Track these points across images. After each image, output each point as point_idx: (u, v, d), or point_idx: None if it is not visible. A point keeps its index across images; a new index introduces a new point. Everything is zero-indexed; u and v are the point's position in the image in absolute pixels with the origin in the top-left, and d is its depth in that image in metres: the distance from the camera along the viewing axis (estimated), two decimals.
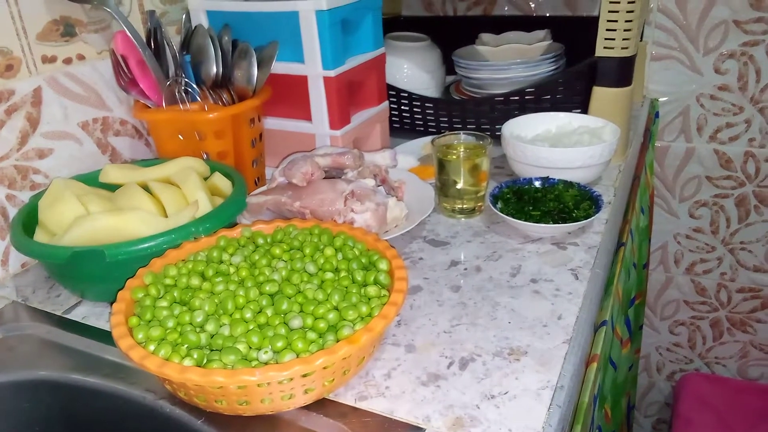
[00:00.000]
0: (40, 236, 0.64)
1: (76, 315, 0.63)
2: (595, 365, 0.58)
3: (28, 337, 0.61)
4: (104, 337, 0.59)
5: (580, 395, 0.56)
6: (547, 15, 1.26)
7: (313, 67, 0.80)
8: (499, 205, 0.74)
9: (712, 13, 1.12)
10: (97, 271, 0.58)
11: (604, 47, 0.83)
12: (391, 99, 1.02)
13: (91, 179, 0.71)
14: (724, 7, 1.10)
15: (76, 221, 0.60)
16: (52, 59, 0.74)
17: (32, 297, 0.67)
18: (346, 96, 0.84)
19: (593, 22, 0.83)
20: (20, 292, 0.68)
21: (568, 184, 0.75)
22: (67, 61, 0.75)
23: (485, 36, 1.14)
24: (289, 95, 0.84)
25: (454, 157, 0.76)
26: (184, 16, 0.85)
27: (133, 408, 0.52)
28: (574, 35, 0.98)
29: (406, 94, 1.02)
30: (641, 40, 1.16)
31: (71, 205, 0.62)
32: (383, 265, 0.54)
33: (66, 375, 0.55)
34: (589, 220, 0.69)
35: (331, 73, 0.80)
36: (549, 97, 0.93)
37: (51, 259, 0.59)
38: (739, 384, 1.39)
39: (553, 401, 0.47)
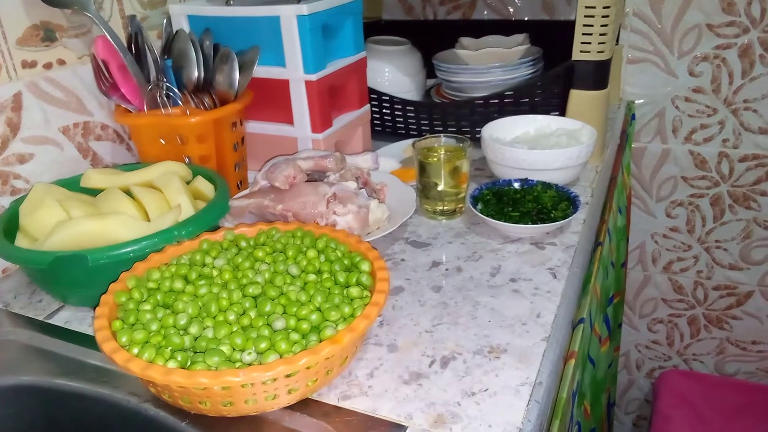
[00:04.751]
0: (21, 242, 0.63)
1: (58, 320, 0.63)
2: (572, 362, 0.60)
3: (10, 342, 0.61)
4: (87, 341, 0.59)
5: (558, 391, 0.57)
6: (526, 19, 1.28)
7: (294, 72, 0.81)
8: (480, 206, 0.75)
9: (685, 17, 1.14)
10: (79, 275, 0.58)
11: (581, 51, 0.85)
12: (372, 102, 1.03)
13: (72, 184, 0.70)
14: (698, 11, 1.13)
15: (58, 226, 0.60)
16: (33, 64, 0.74)
17: (14, 302, 0.67)
18: (328, 99, 0.85)
19: (570, 26, 0.84)
20: (1, 297, 0.68)
21: (547, 186, 0.77)
22: (48, 66, 0.75)
23: (465, 40, 1.16)
24: (271, 99, 0.85)
25: (435, 159, 0.77)
26: (165, 21, 0.85)
27: (117, 412, 0.52)
28: (552, 39, 1.00)
29: (387, 98, 1.03)
30: (617, 44, 1.18)
31: (53, 210, 0.62)
32: (365, 267, 0.55)
33: (49, 380, 0.55)
34: (566, 220, 0.71)
35: (313, 77, 0.80)
36: (527, 100, 0.95)
37: (33, 265, 0.59)
38: (717, 380, 1.42)
39: (532, 397, 0.48)
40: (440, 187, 0.76)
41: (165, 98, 0.77)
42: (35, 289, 0.69)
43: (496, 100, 0.96)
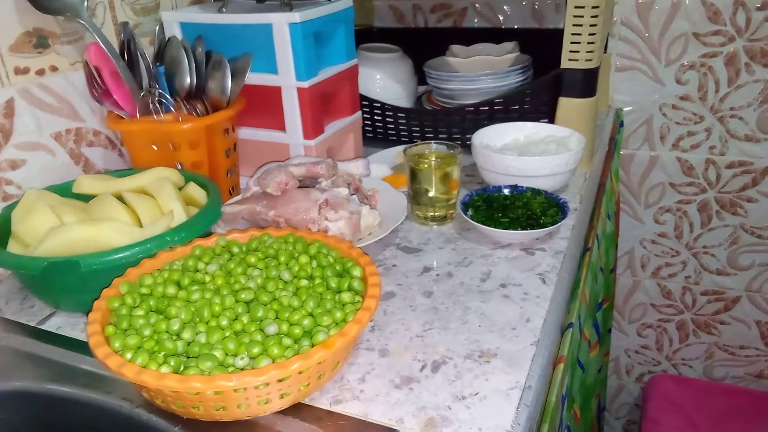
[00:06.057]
0: (13, 247, 0.63)
1: (50, 326, 0.63)
2: (561, 366, 0.60)
3: (2, 348, 0.61)
4: (79, 347, 0.59)
5: (547, 395, 0.58)
6: (515, 27, 1.29)
7: (286, 79, 0.82)
8: (470, 212, 0.76)
9: (672, 25, 1.16)
10: (72, 281, 0.58)
11: (569, 59, 0.86)
12: (364, 109, 1.04)
13: (64, 190, 0.71)
14: (684, 20, 1.15)
15: (51, 232, 0.60)
16: (25, 71, 0.74)
17: (5, 308, 0.67)
18: (320, 106, 0.85)
19: (559, 34, 0.85)
20: None
21: (536, 192, 0.78)
22: (40, 72, 0.76)
23: (455, 47, 1.17)
24: (263, 106, 0.85)
25: (426, 166, 0.78)
26: (157, 28, 0.85)
27: (110, 417, 0.52)
28: (541, 47, 1.01)
29: (378, 104, 1.04)
30: (605, 52, 1.20)
31: (45, 216, 0.63)
32: (357, 272, 0.56)
33: (41, 385, 0.55)
34: (556, 226, 0.71)
35: (305, 84, 0.81)
36: (517, 107, 0.96)
37: (25, 270, 0.59)
38: (705, 384, 1.44)
39: (522, 401, 0.49)
40: (431, 194, 0.77)
41: (157, 105, 0.78)
42: (27, 294, 0.69)
43: (486, 108, 0.97)
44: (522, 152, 0.86)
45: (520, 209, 0.75)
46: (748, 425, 1.31)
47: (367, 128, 1.07)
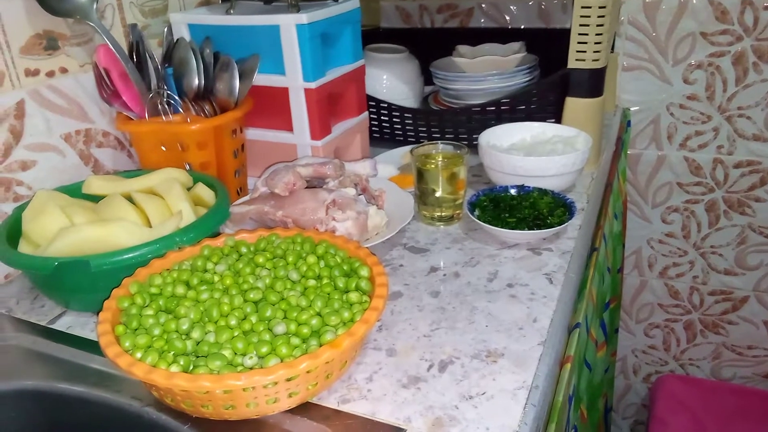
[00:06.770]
0: (24, 248, 0.64)
1: (60, 325, 0.64)
2: (569, 366, 0.60)
3: (13, 347, 0.61)
4: (89, 346, 0.59)
5: (554, 395, 0.58)
6: (522, 27, 1.29)
7: (294, 79, 0.82)
8: (477, 212, 0.76)
9: (680, 25, 1.16)
10: (82, 281, 0.59)
11: (576, 59, 0.86)
12: (371, 109, 1.04)
13: (74, 191, 0.71)
14: (692, 19, 1.14)
15: (61, 232, 0.60)
16: (35, 72, 0.74)
17: (16, 308, 0.68)
18: (327, 107, 0.86)
19: (566, 34, 0.85)
20: (4, 303, 0.69)
21: (543, 192, 0.78)
22: (50, 74, 0.76)
23: (462, 48, 1.17)
24: (271, 106, 0.86)
25: (433, 166, 0.78)
26: (165, 29, 0.86)
27: (120, 415, 0.53)
28: (548, 47, 1.01)
29: (385, 105, 1.04)
30: (612, 52, 1.20)
31: (55, 216, 0.63)
32: (364, 272, 0.56)
33: (51, 384, 0.56)
34: (563, 226, 0.71)
35: (312, 85, 0.81)
36: (524, 107, 0.96)
37: (36, 270, 0.59)
38: (713, 384, 1.43)
39: (529, 400, 0.49)
40: (438, 194, 0.77)
41: (166, 106, 0.78)
42: (37, 294, 0.70)
43: (493, 108, 0.97)
44: (529, 152, 0.86)
45: (527, 209, 0.75)
46: (755, 426, 1.31)
47: (373, 129, 1.07)
